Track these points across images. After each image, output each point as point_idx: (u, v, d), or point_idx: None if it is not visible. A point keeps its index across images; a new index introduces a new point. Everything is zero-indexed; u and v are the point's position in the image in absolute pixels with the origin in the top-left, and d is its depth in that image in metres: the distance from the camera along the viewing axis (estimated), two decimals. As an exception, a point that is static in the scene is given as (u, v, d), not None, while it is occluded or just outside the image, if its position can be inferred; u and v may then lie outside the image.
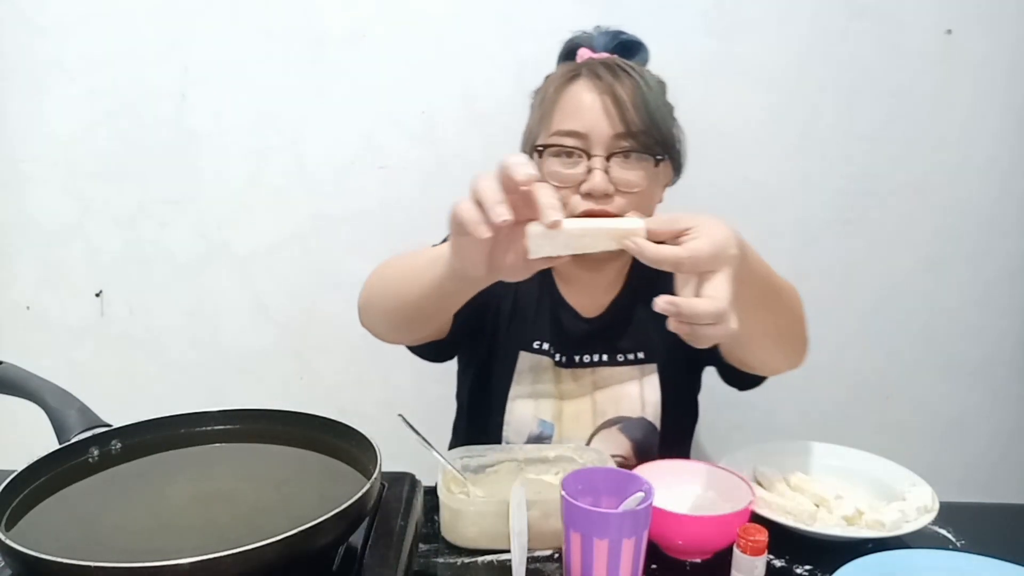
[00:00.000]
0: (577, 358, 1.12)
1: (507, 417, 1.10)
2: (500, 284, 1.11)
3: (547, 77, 1.08)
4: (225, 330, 1.61)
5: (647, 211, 1.03)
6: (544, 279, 1.14)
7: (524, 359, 1.11)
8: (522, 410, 1.10)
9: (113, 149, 1.52)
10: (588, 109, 0.98)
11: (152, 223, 1.56)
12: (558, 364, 1.12)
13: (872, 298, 1.61)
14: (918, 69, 1.49)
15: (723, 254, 0.69)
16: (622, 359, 1.11)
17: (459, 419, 1.24)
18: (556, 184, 1.00)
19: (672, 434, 1.12)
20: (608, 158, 0.98)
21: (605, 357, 1.12)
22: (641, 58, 1.08)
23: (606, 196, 0.98)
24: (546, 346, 1.12)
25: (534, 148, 1.03)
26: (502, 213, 0.65)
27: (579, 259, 0.89)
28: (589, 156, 0.98)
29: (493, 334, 1.12)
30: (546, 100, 1.03)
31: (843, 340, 1.63)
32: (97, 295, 1.60)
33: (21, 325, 1.61)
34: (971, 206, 1.56)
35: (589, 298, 1.13)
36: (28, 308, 1.61)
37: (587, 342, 1.12)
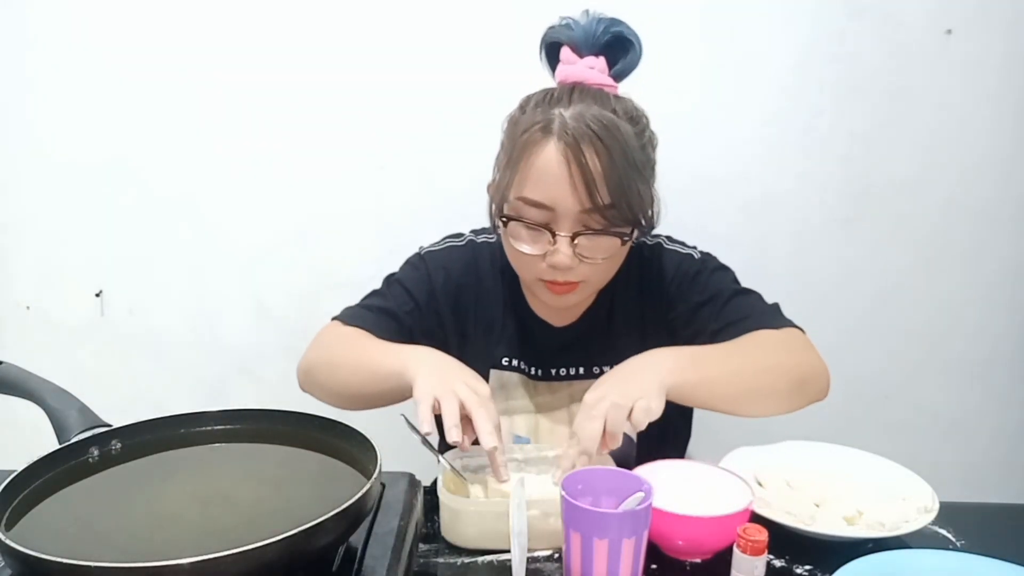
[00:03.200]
0: (553, 371, 1.12)
1: None
2: (456, 305, 1.13)
3: (521, 109, 1.02)
4: (225, 330, 1.61)
5: (610, 273, 1.04)
6: (511, 294, 1.13)
7: (494, 377, 1.11)
8: None
9: (114, 148, 1.52)
10: (556, 180, 0.93)
11: (152, 223, 1.56)
12: (533, 377, 1.12)
13: (872, 298, 1.60)
14: (918, 69, 1.49)
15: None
16: (598, 371, 1.10)
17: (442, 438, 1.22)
18: (521, 250, 0.99)
19: (654, 445, 1.06)
20: (574, 237, 0.96)
21: (581, 370, 1.11)
22: (631, 60, 1.01)
23: (568, 268, 0.97)
24: (515, 362, 1.12)
25: (500, 215, 1.00)
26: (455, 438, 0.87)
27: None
28: (554, 234, 0.96)
29: (460, 352, 1.12)
30: (515, 153, 0.97)
31: (843, 340, 1.62)
32: (97, 295, 1.60)
33: (21, 325, 1.61)
34: (970, 206, 1.56)
35: (559, 310, 1.12)
36: (28, 308, 1.61)
37: (562, 354, 1.12)
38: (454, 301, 1.13)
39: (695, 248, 1.14)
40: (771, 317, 1.06)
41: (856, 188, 1.54)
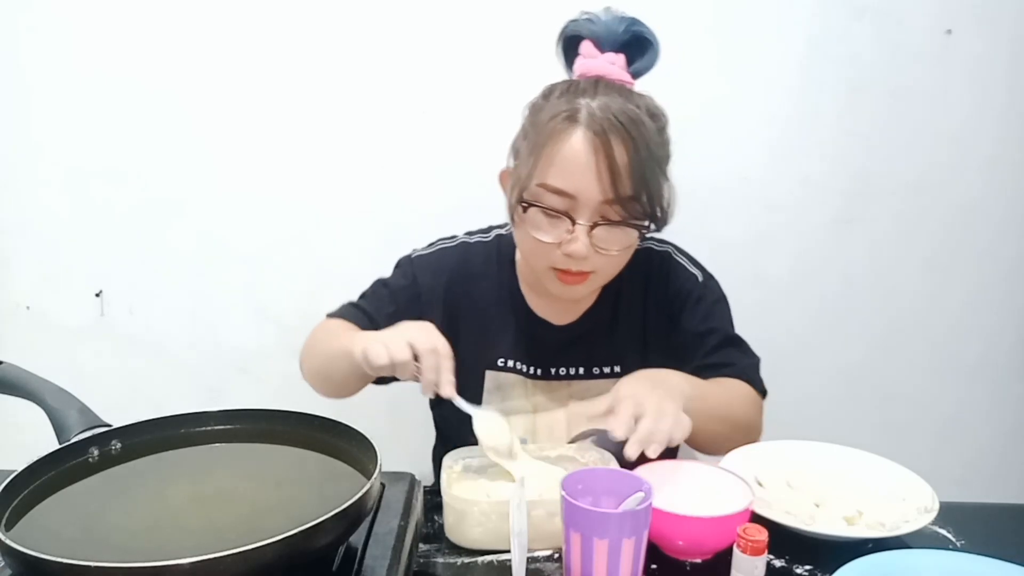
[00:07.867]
0: (553, 371, 1.11)
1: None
2: (446, 308, 1.13)
3: (544, 97, 1.01)
4: (225, 330, 1.61)
5: (620, 266, 1.04)
6: (509, 293, 1.13)
7: (490, 378, 1.11)
8: None
9: (113, 149, 1.52)
10: (581, 169, 0.94)
11: (152, 223, 1.56)
12: (531, 377, 1.12)
13: (872, 298, 1.61)
14: (918, 69, 1.49)
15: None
16: (598, 372, 1.11)
17: (437, 443, 1.22)
18: (538, 238, 0.99)
19: None
20: (592, 227, 0.96)
21: (581, 370, 1.11)
22: (649, 59, 1.02)
23: (584, 257, 0.98)
24: (512, 362, 1.12)
25: (520, 201, 0.99)
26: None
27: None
28: (574, 222, 0.96)
29: (455, 352, 1.11)
30: (539, 140, 0.97)
31: (843, 340, 1.63)
32: (97, 295, 1.60)
33: (21, 325, 1.61)
34: (971, 206, 1.56)
35: (561, 308, 1.12)
36: (28, 308, 1.61)
37: (562, 353, 1.12)
38: (443, 304, 1.12)
39: (700, 268, 1.15)
40: (750, 372, 1.09)
41: (856, 188, 1.55)
